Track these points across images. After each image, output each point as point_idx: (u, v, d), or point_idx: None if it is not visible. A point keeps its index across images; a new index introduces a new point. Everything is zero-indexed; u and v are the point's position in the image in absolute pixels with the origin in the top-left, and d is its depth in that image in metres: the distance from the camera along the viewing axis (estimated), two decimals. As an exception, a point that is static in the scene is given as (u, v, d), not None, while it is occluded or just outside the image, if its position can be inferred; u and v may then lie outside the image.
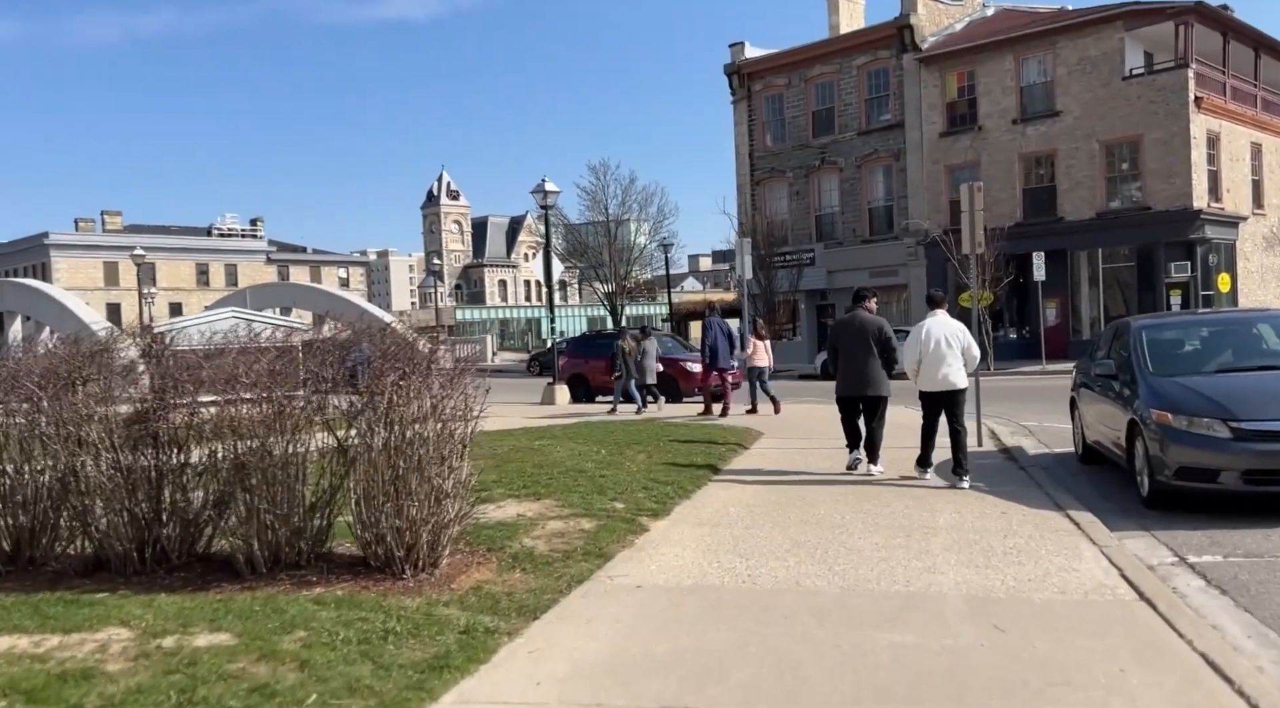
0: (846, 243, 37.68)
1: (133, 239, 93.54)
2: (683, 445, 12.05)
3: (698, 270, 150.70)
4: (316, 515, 5.93)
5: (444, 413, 5.82)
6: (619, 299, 53.71)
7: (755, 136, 40.34)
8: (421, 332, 29.20)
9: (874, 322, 9.67)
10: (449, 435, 5.82)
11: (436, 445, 5.72)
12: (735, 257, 20.81)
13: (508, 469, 10.08)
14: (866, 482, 9.50)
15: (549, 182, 22.88)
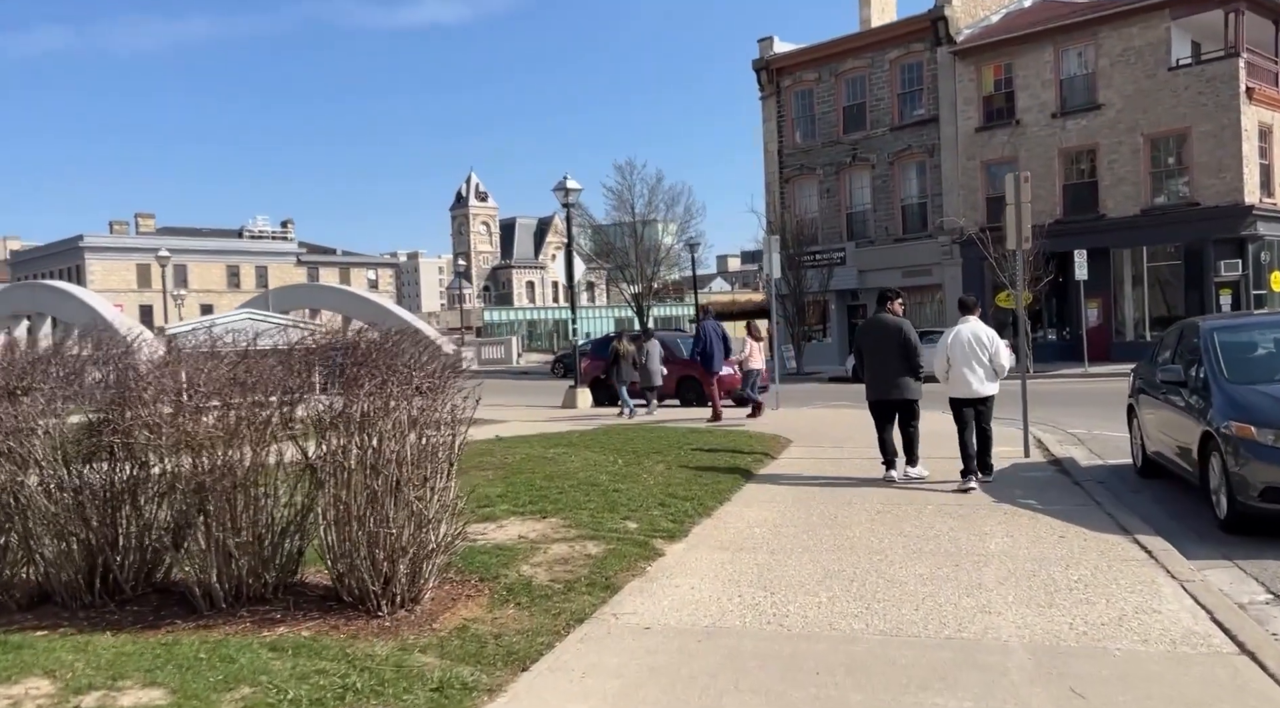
0: (878, 242, 36.68)
1: (165, 241, 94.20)
2: (706, 455, 11.30)
3: (726, 271, 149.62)
4: (285, 542, 5.25)
5: (427, 426, 5.11)
6: (645, 300, 52.95)
7: (784, 133, 39.44)
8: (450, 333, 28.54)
9: (896, 324, 9.46)
10: (432, 452, 5.11)
11: (417, 464, 5.01)
12: (763, 256, 19.98)
13: (516, 481, 9.38)
14: (905, 499, 8.69)
15: (570, 179, 22.20)
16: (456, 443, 5.36)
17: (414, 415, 5.02)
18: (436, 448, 5.15)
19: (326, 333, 7.12)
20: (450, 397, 5.35)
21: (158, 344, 7.15)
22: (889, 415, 9.53)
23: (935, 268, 35.05)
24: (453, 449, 5.32)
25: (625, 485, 8.99)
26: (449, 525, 5.25)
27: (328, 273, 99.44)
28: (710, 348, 16.79)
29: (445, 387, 5.33)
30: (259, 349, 5.77)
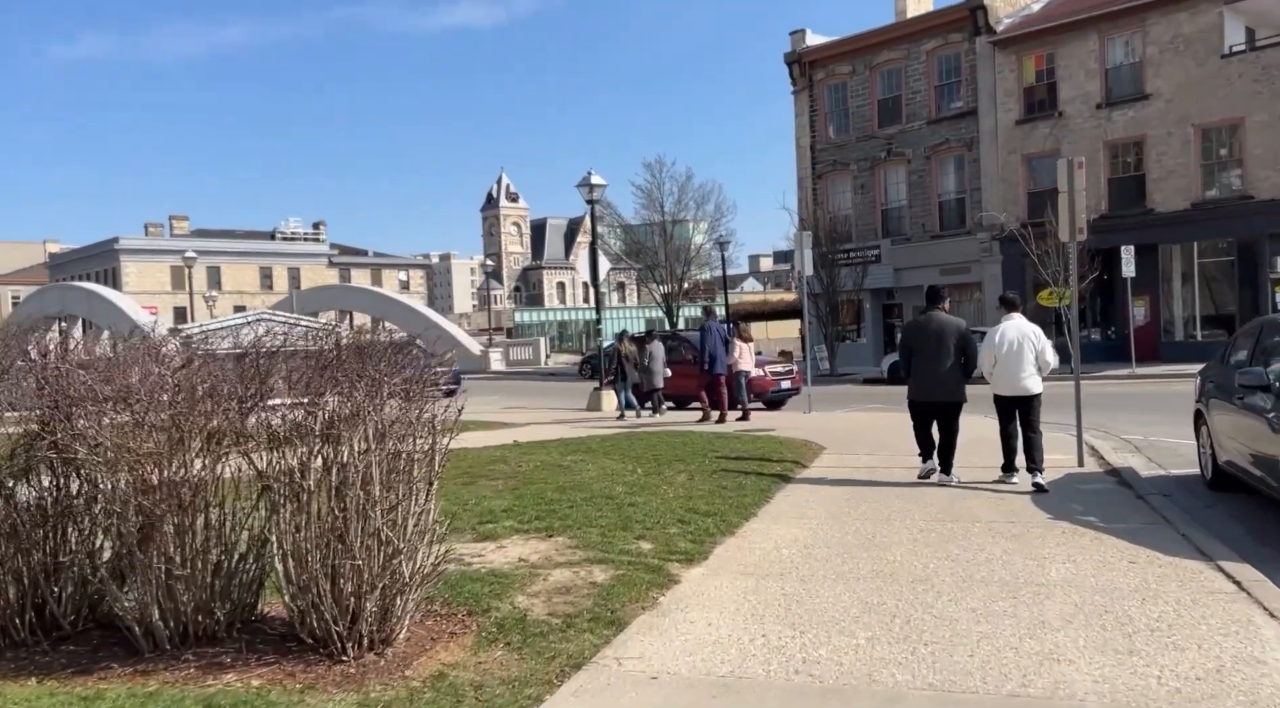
0: (915, 239, 35.63)
1: (199, 243, 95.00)
2: (732, 463, 10.54)
3: (758, 271, 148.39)
4: (239, 573, 4.58)
5: (401, 440, 4.42)
6: (675, 300, 52.18)
7: (817, 128, 38.50)
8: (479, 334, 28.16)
9: (954, 323, 9.32)
10: (407, 470, 4.43)
11: (388, 484, 4.33)
12: (795, 254, 19.17)
13: (526, 493, 8.69)
14: (949, 515, 7.88)
15: (595, 175, 21.52)
16: (437, 459, 4.66)
17: (384, 428, 4.33)
18: (412, 465, 4.45)
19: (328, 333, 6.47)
20: (430, 406, 4.66)
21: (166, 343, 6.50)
22: (932, 417, 9.36)
23: (974, 265, 33.95)
24: (432, 466, 4.63)
25: (642, 498, 8.27)
26: (428, 553, 4.55)
27: (359, 274, 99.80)
28: (714, 349, 16.59)
29: (424, 395, 4.63)
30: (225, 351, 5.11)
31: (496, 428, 16.97)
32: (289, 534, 4.25)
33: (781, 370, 21.17)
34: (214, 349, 4.95)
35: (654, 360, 18.49)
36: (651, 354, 18.63)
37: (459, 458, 11.61)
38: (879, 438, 13.30)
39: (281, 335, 12.37)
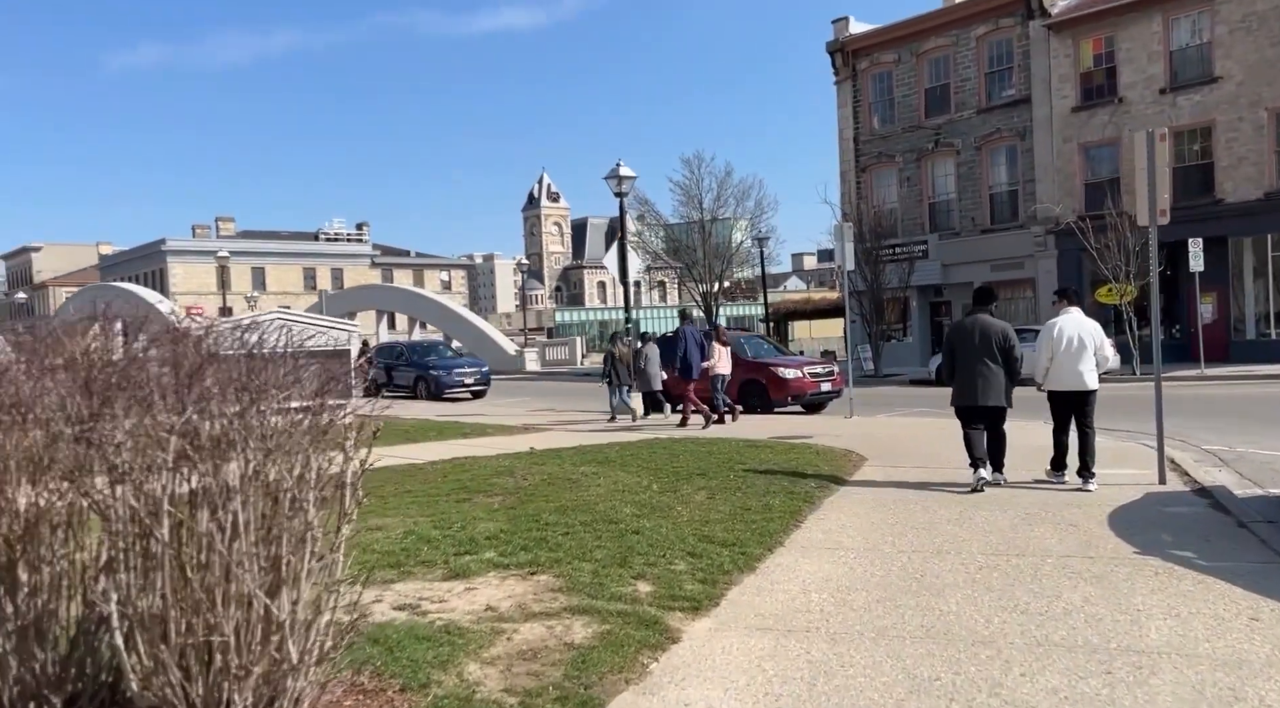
0: (964, 233, 34.02)
1: (244, 244, 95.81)
2: (759, 478, 9.36)
3: (801, 269, 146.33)
4: (85, 646, 3.53)
5: (282, 478, 3.34)
6: (715, 299, 50.91)
7: (861, 119, 37.03)
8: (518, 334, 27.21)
9: (998, 326, 9.05)
10: (294, 514, 3.35)
11: (266, 537, 3.25)
12: (835, 248, 17.90)
13: (521, 514, 7.61)
14: (1014, 547, 6.64)
15: (624, 166, 20.44)
16: (349, 496, 3.58)
17: (256, 466, 3.25)
18: (304, 506, 3.37)
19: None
20: (339, 430, 3.59)
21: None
22: (979, 422, 9.02)
23: (1027, 261, 32.26)
24: (342, 509, 3.56)
25: (651, 523, 7.14)
26: (331, 623, 3.47)
27: (401, 275, 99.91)
28: (689, 354, 16.23)
29: (331, 414, 3.56)
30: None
31: (517, 433, 15.98)
32: (134, 600, 3.20)
33: (821, 372, 19.89)
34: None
35: (649, 363, 17.65)
36: (647, 357, 17.79)
37: (463, 469, 10.60)
38: (927, 447, 12.03)
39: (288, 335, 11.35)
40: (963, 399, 9.03)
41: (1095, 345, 8.85)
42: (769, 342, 23.76)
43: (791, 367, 19.68)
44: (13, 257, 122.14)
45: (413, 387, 28.11)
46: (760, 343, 21.96)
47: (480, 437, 15.40)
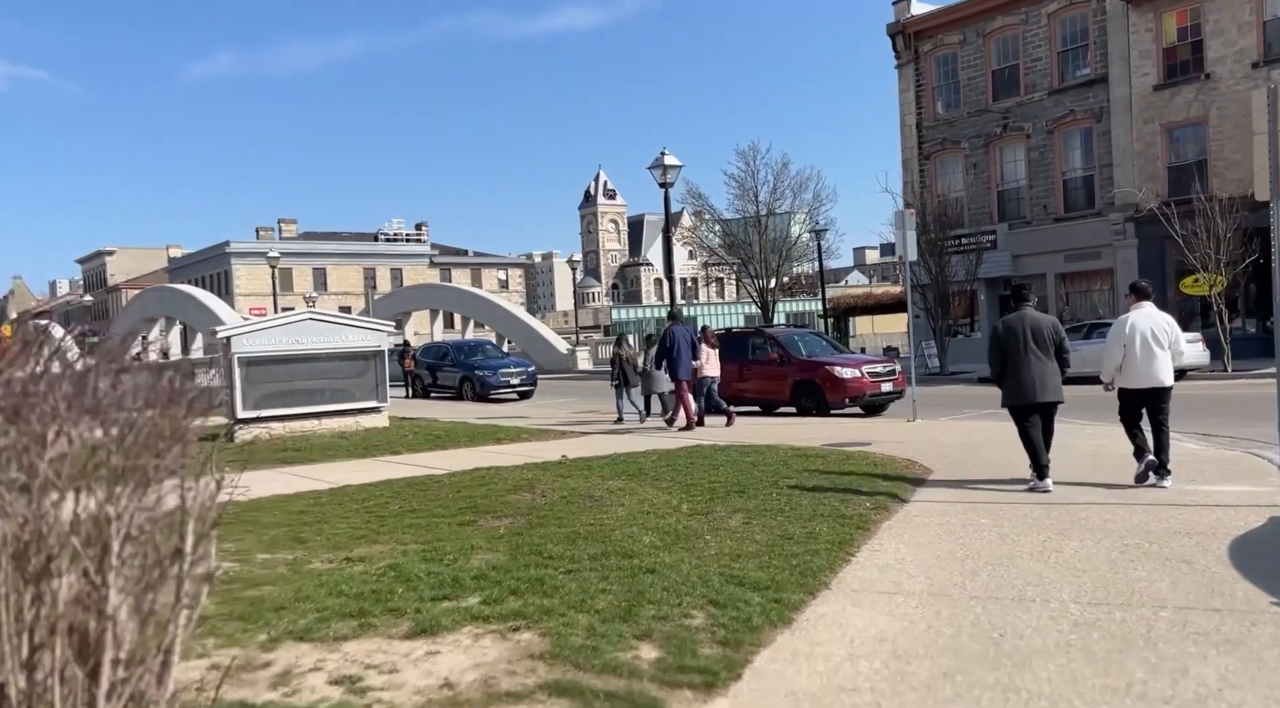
0: (1036, 222, 32.18)
1: (306, 246, 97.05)
2: (806, 497, 8.20)
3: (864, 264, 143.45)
4: None
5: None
6: (772, 296, 49.45)
7: (924, 104, 35.34)
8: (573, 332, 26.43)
9: (1047, 320, 9.11)
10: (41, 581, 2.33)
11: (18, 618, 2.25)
12: (895, 238, 16.57)
13: (525, 543, 6.59)
14: (1114, 591, 5.40)
15: (669, 154, 19.35)
16: (190, 541, 2.58)
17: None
18: (104, 596, 2.36)
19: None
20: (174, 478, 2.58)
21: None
22: (1035, 421, 8.83)
23: (1105, 250, 30.32)
24: (182, 561, 2.56)
25: (672, 556, 6.05)
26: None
27: (459, 274, 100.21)
28: (677, 354, 15.73)
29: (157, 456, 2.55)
30: None
31: (553, 438, 15.03)
32: None
33: (881, 371, 18.55)
34: None
35: (655, 364, 16.68)
36: (653, 358, 16.87)
37: (481, 483, 9.65)
38: (999, 456, 10.71)
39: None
40: (1020, 398, 8.83)
41: (1170, 340, 8.68)
42: (825, 339, 22.45)
43: (849, 366, 18.39)
44: (88, 260, 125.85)
45: (458, 387, 27.42)
46: (815, 340, 20.68)
47: (513, 442, 14.48)
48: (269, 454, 13.56)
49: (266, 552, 6.68)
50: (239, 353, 16.31)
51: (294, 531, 7.46)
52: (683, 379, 15.82)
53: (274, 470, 12.12)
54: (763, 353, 19.30)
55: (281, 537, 7.20)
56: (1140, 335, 8.61)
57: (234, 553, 6.70)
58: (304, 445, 14.54)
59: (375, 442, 14.73)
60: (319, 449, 14.00)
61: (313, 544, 6.90)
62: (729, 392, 19.63)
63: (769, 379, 18.97)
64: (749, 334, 20.58)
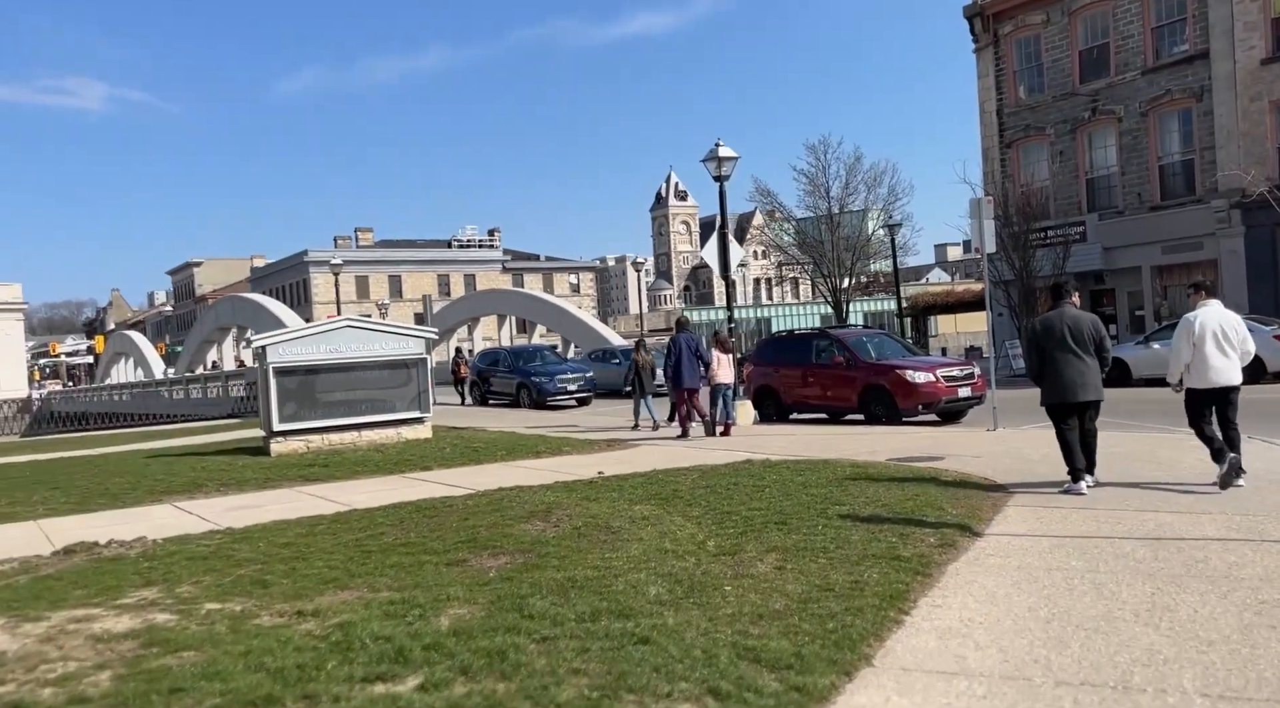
0: (1129, 211, 29.94)
1: (382, 253, 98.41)
2: (858, 527, 6.97)
3: (945, 261, 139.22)
4: None
5: None
6: (846, 295, 47.66)
7: (1004, 90, 33.32)
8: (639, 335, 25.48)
9: (1086, 318, 8.97)
10: None
11: None
12: (971, 228, 15.07)
13: (509, 594, 5.53)
14: (1251, 669, 4.07)
15: (724, 146, 18.15)
16: None
17: None
18: None
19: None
20: None
21: None
22: (1074, 418, 8.76)
23: (1207, 240, 27.98)
24: None
25: (678, 617, 4.92)
26: None
27: (531, 279, 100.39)
28: (681, 362, 15.66)
29: None
30: None
31: (597, 450, 14.03)
32: None
33: (959, 374, 17.04)
34: None
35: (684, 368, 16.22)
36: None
37: (495, 508, 8.65)
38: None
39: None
40: (1059, 396, 8.71)
41: (1240, 338, 8.50)
42: (897, 340, 20.93)
43: (922, 369, 16.92)
44: (178, 272, 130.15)
45: (515, 394, 26.66)
46: (886, 342, 19.21)
47: (553, 456, 13.51)
48: (295, 470, 12.87)
49: (218, 600, 5.78)
50: (274, 363, 15.69)
51: (265, 570, 6.56)
52: (687, 388, 15.68)
53: (292, 489, 11.39)
54: (828, 356, 17.96)
55: (246, 579, 6.29)
56: (1211, 334, 8.44)
57: (182, 601, 5.82)
58: (334, 460, 13.81)
59: (409, 456, 13.92)
60: (348, 465, 13.24)
61: (275, 590, 5.97)
62: (791, 398, 18.38)
63: (835, 385, 17.63)
64: (813, 336, 19.24)
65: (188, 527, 8.80)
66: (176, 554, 7.30)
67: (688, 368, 15.74)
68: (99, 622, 5.38)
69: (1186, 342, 8.54)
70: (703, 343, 16.49)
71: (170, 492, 11.52)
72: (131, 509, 10.42)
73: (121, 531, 8.63)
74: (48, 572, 6.91)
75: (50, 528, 9.30)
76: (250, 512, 9.58)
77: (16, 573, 6.96)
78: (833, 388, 17.64)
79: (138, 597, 5.95)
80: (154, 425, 33.21)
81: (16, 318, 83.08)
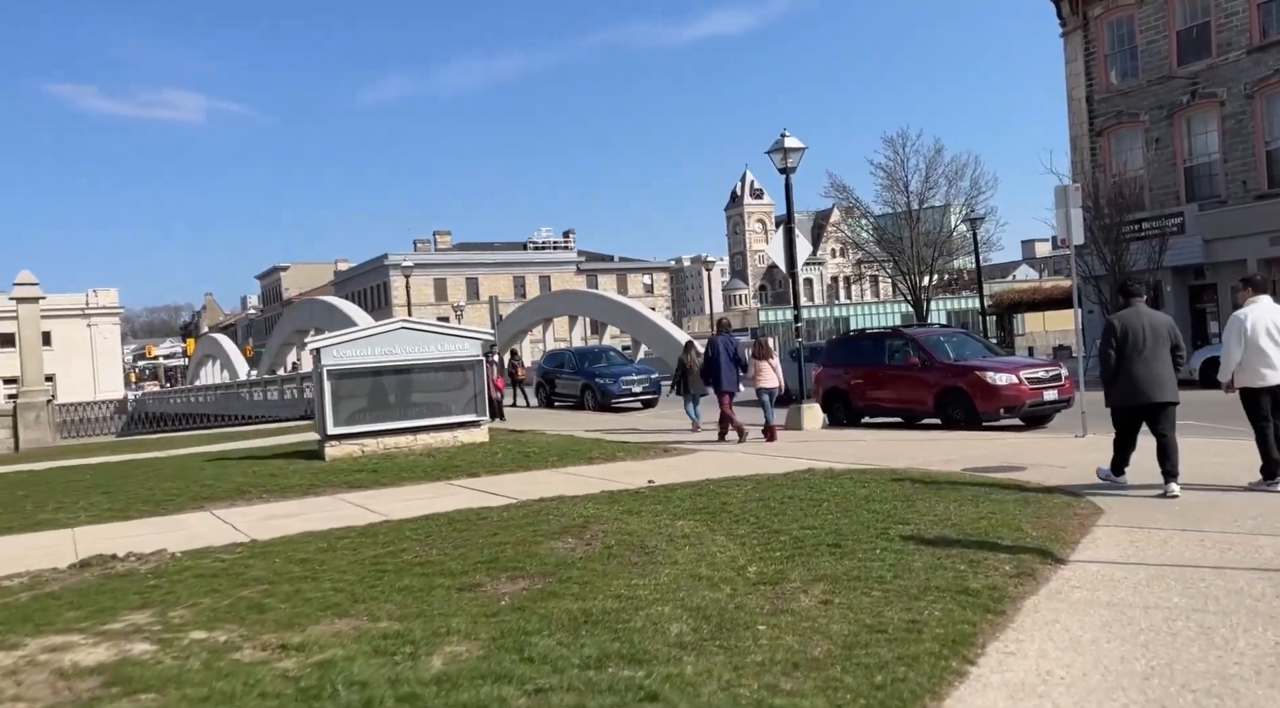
0: (1232, 201, 27.97)
1: (459, 256, 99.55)
2: (921, 553, 6.16)
3: (1033, 258, 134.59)
4: None
5: None
6: (926, 293, 46.08)
7: (1095, 74, 31.57)
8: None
9: (1163, 317, 8.82)
10: None
11: None
12: (1056, 217, 13.94)
13: (513, 627, 4.93)
14: None
15: (790, 136, 17.32)
16: None
17: None
18: None
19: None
20: None
21: None
22: (1142, 421, 8.59)
23: (1321, 230, 25.92)
24: None
25: (700, 664, 4.23)
26: None
27: (605, 279, 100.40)
28: (719, 365, 15.47)
29: None
30: None
31: (653, 456, 13.41)
32: None
33: (1045, 376, 15.87)
34: None
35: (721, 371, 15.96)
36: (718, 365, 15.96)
37: (528, 521, 8.08)
38: (1195, 491, 8.24)
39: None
40: (1135, 398, 8.45)
41: None
42: (978, 339, 19.75)
43: (1004, 370, 15.82)
44: (266, 276, 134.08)
45: (579, 396, 26.20)
46: (965, 341, 18.10)
47: (605, 462, 12.92)
48: (343, 476, 12.55)
49: (207, 627, 5.31)
50: (328, 365, 15.47)
51: (269, 592, 6.09)
52: (725, 391, 15.53)
53: (333, 496, 11.05)
54: (901, 357, 16.97)
55: (244, 603, 5.83)
56: (1265, 331, 8.27)
57: (170, 627, 5.37)
58: (384, 466, 13.46)
59: (460, 461, 13.49)
60: (396, 470, 12.87)
61: (270, 616, 5.48)
62: (863, 402, 17.44)
63: (909, 387, 16.64)
64: (885, 335, 18.25)
65: (214, 538, 8.45)
66: (187, 571, 6.91)
67: (725, 370, 15.53)
68: (73, 652, 4.95)
69: (1237, 340, 8.39)
70: (741, 346, 16.29)
71: (213, 498, 11.29)
72: (169, 517, 10.18)
73: (148, 541, 8.34)
74: (53, 589, 6.58)
75: (82, 537, 9.09)
76: (282, 522, 9.22)
77: (23, 589, 6.66)
78: (907, 390, 16.65)
79: (127, 622, 5.53)
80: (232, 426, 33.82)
81: (114, 322, 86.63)
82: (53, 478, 15.46)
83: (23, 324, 29.89)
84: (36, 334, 30.64)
